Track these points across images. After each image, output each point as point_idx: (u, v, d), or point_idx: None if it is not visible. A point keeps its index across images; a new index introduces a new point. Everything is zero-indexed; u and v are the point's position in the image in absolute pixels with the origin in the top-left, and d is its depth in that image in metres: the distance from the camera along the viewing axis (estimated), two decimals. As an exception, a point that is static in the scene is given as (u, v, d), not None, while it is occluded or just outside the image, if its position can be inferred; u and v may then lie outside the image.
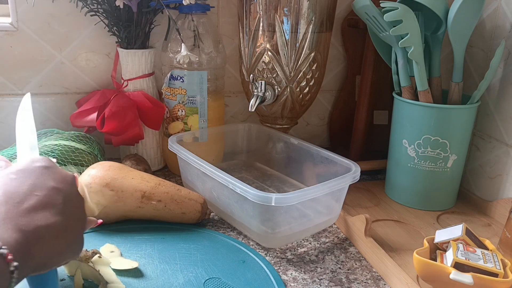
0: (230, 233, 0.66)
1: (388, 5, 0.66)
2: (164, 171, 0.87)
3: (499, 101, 0.74)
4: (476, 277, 0.48)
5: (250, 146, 0.88)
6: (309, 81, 0.79)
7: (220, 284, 0.53)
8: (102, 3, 0.76)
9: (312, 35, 0.75)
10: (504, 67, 0.73)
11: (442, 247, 0.55)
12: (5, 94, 0.84)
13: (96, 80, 0.87)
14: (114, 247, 0.59)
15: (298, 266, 0.59)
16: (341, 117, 0.98)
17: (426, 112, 0.70)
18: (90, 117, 0.77)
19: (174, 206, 0.65)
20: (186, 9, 0.75)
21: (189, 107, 0.79)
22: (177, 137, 0.75)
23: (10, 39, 0.81)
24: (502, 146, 0.74)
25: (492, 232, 0.69)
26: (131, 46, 0.79)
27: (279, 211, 0.59)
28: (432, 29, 0.72)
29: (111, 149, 0.85)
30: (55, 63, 0.84)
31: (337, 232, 0.68)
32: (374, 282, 0.56)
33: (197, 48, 0.77)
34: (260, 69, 0.78)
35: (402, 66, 0.72)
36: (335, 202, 0.66)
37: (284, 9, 0.73)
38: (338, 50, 0.95)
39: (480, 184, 0.79)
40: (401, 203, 0.77)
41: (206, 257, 0.58)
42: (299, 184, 0.79)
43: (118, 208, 0.63)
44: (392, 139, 0.77)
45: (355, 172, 0.64)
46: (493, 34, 0.75)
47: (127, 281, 0.53)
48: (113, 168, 0.65)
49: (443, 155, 0.71)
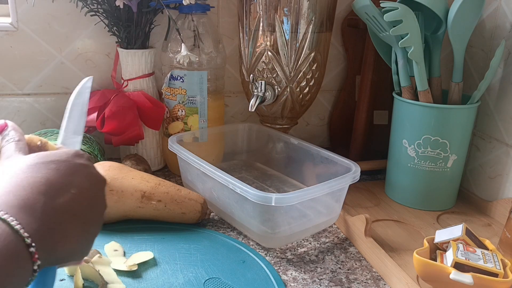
0: (230, 233, 0.66)
1: (388, 5, 0.66)
2: (164, 171, 0.87)
3: (499, 101, 0.74)
4: (476, 277, 0.48)
5: (250, 146, 0.88)
6: (309, 81, 0.79)
7: (220, 284, 0.53)
8: (102, 3, 0.76)
9: (312, 35, 0.75)
10: (504, 67, 0.73)
11: (442, 247, 0.55)
12: (5, 94, 0.84)
13: (96, 80, 0.87)
14: (119, 245, 0.59)
15: (298, 266, 0.59)
16: (341, 117, 0.98)
17: (426, 112, 0.70)
18: (90, 117, 0.77)
19: (174, 206, 0.65)
20: (186, 9, 0.75)
21: (189, 107, 0.79)
22: (177, 137, 0.75)
23: (10, 39, 0.81)
24: (502, 146, 0.74)
25: (492, 232, 0.69)
26: (131, 46, 0.79)
27: (279, 211, 0.59)
28: (432, 29, 0.72)
29: (111, 149, 0.85)
30: (55, 63, 0.84)
31: (337, 232, 0.68)
32: (374, 282, 0.56)
33: (197, 48, 0.77)
34: (260, 69, 0.78)
35: (402, 66, 0.72)
36: (335, 202, 0.66)
37: (284, 9, 0.73)
38: (338, 50, 0.95)
39: (480, 184, 0.79)
40: (401, 203, 0.77)
41: (206, 257, 0.58)
42: (299, 184, 0.79)
43: (118, 208, 0.63)
44: (392, 139, 0.77)
45: (355, 172, 0.64)
46: (493, 34, 0.75)
47: (127, 281, 0.53)
48: (113, 168, 0.65)
49: (443, 155, 0.71)
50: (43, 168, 0.37)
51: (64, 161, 0.39)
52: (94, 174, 0.41)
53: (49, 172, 0.37)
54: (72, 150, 0.41)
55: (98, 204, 0.41)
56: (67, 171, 0.38)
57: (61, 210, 0.36)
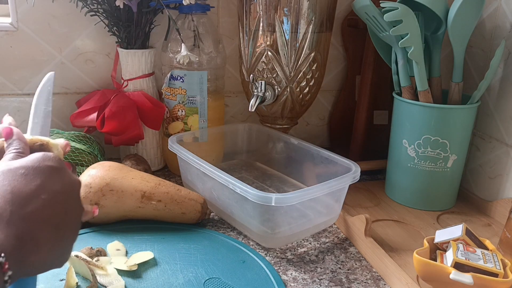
0: (230, 233, 0.66)
1: (388, 5, 0.66)
2: (164, 171, 0.87)
3: (499, 101, 0.74)
4: (476, 277, 0.48)
5: (250, 146, 0.88)
6: (309, 81, 0.79)
7: (220, 284, 0.53)
8: (102, 3, 0.76)
9: (312, 35, 0.75)
10: (504, 67, 0.73)
11: (442, 247, 0.55)
12: (5, 94, 0.84)
13: (96, 80, 0.87)
14: (121, 245, 0.59)
15: (298, 266, 0.59)
16: (341, 117, 0.98)
17: (426, 112, 0.70)
18: (90, 117, 0.77)
19: (174, 206, 0.65)
20: (186, 9, 0.75)
21: (189, 107, 0.79)
22: (177, 137, 0.75)
23: (10, 39, 0.81)
24: (502, 146, 0.74)
25: (492, 232, 0.69)
26: (131, 46, 0.79)
27: (279, 211, 0.59)
28: (432, 29, 0.72)
29: (111, 149, 0.85)
30: (55, 63, 0.84)
31: (337, 232, 0.68)
32: (374, 282, 0.56)
33: (197, 48, 0.77)
34: (260, 69, 0.78)
35: (402, 66, 0.72)
36: (335, 202, 0.66)
37: (284, 9, 0.73)
38: (338, 50, 0.95)
39: (480, 184, 0.79)
40: (401, 203, 0.77)
41: (206, 257, 0.58)
42: (299, 184, 0.79)
43: (118, 208, 0.63)
44: (392, 139, 0.77)
45: (355, 172, 0.64)
46: (493, 34, 0.75)
47: (127, 281, 0.53)
48: (113, 168, 0.65)
49: (443, 155, 0.71)
50: (9, 175, 0.36)
51: (31, 165, 0.37)
52: (66, 177, 0.39)
53: (16, 179, 0.36)
54: (40, 153, 0.39)
55: (72, 208, 0.39)
56: (36, 176, 0.37)
57: (31, 218, 0.35)
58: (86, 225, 0.63)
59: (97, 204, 0.62)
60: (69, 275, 0.51)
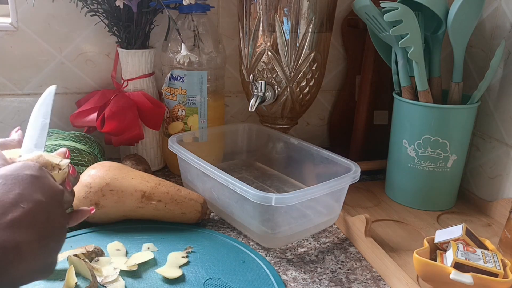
0: (230, 233, 0.66)
1: (388, 5, 0.66)
2: (164, 171, 0.87)
3: (499, 101, 0.74)
4: (476, 277, 0.48)
5: (250, 146, 0.88)
6: (309, 81, 0.79)
7: (220, 284, 0.53)
8: (102, 3, 0.76)
9: (312, 35, 0.75)
10: (504, 67, 0.73)
11: (442, 247, 0.55)
12: (5, 94, 0.84)
13: (96, 80, 0.87)
14: (121, 245, 0.59)
15: (298, 266, 0.59)
16: (341, 117, 0.98)
17: (426, 112, 0.70)
18: (90, 117, 0.77)
19: (174, 206, 0.65)
20: (186, 9, 0.75)
21: (189, 107, 0.79)
22: (177, 137, 0.75)
23: (10, 39, 0.81)
24: (502, 146, 0.74)
25: (492, 232, 0.69)
26: (131, 46, 0.79)
27: (279, 211, 0.59)
28: (432, 29, 0.72)
29: (111, 149, 0.85)
30: (55, 63, 0.84)
31: (337, 232, 0.68)
32: (374, 282, 0.56)
33: (197, 48, 0.77)
34: (260, 69, 0.78)
35: (402, 66, 0.72)
36: (335, 202, 0.66)
37: (284, 9, 0.73)
38: (338, 50, 0.95)
39: (480, 184, 0.79)
40: (401, 203, 0.77)
41: (206, 257, 0.58)
42: (299, 184, 0.79)
43: (118, 208, 0.63)
44: (392, 139, 0.77)
45: (355, 172, 0.64)
46: (493, 34, 0.75)
47: (127, 281, 0.53)
48: (113, 168, 0.65)
49: (443, 155, 0.71)
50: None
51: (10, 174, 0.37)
52: (47, 185, 0.39)
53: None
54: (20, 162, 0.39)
55: (55, 216, 0.39)
56: (14, 185, 0.36)
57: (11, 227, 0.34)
58: (86, 225, 0.63)
59: (97, 204, 0.62)
60: (69, 275, 0.51)
